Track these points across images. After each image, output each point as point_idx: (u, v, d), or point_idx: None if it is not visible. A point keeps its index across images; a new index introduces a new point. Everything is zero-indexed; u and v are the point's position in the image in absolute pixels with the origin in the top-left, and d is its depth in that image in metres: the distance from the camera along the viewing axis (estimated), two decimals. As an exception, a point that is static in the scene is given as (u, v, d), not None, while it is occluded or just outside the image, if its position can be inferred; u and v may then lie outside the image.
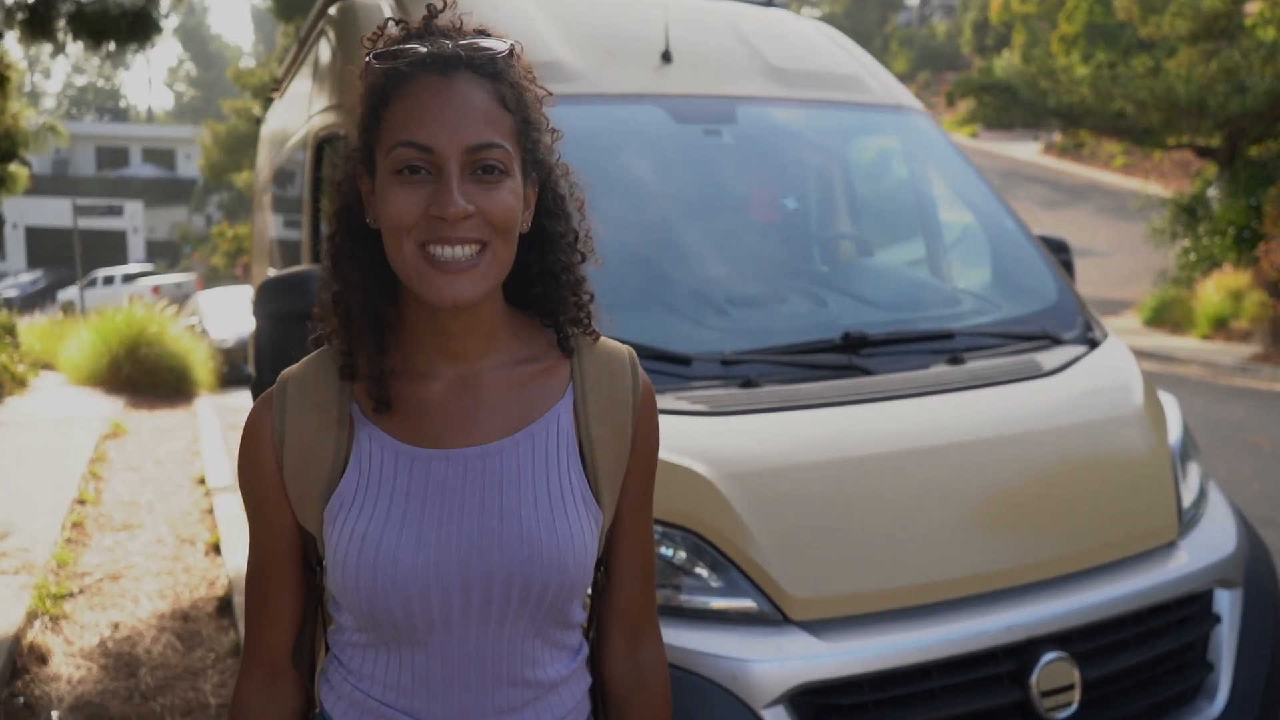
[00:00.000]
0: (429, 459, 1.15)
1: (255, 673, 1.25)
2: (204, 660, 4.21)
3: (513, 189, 1.11)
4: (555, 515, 1.16)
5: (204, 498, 6.90)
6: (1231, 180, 15.40)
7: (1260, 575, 2.46)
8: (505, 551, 1.13)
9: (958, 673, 2.01)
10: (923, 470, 2.21)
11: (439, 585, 1.12)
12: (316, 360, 1.21)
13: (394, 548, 1.12)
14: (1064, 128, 19.38)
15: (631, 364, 1.26)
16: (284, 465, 1.17)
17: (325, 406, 1.17)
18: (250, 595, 1.25)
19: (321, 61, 3.65)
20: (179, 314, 13.76)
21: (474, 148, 1.08)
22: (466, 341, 1.17)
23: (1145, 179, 26.07)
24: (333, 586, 1.17)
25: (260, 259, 5.93)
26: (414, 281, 1.10)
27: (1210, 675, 2.28)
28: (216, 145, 33.72)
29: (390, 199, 1.09)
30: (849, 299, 2.93)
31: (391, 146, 1.09)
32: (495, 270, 1.12)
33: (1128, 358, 2.79)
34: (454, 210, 1.06)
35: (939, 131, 3.52)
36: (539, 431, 1.18)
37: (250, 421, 1.20)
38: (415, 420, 1.17)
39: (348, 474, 1.16)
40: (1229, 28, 17.22)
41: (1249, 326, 12.88)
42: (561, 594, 1.16)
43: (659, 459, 1.28)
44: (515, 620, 1.15)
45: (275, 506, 1.19)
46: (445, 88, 1.09)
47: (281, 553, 1.21)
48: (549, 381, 1.21)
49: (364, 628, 1.17)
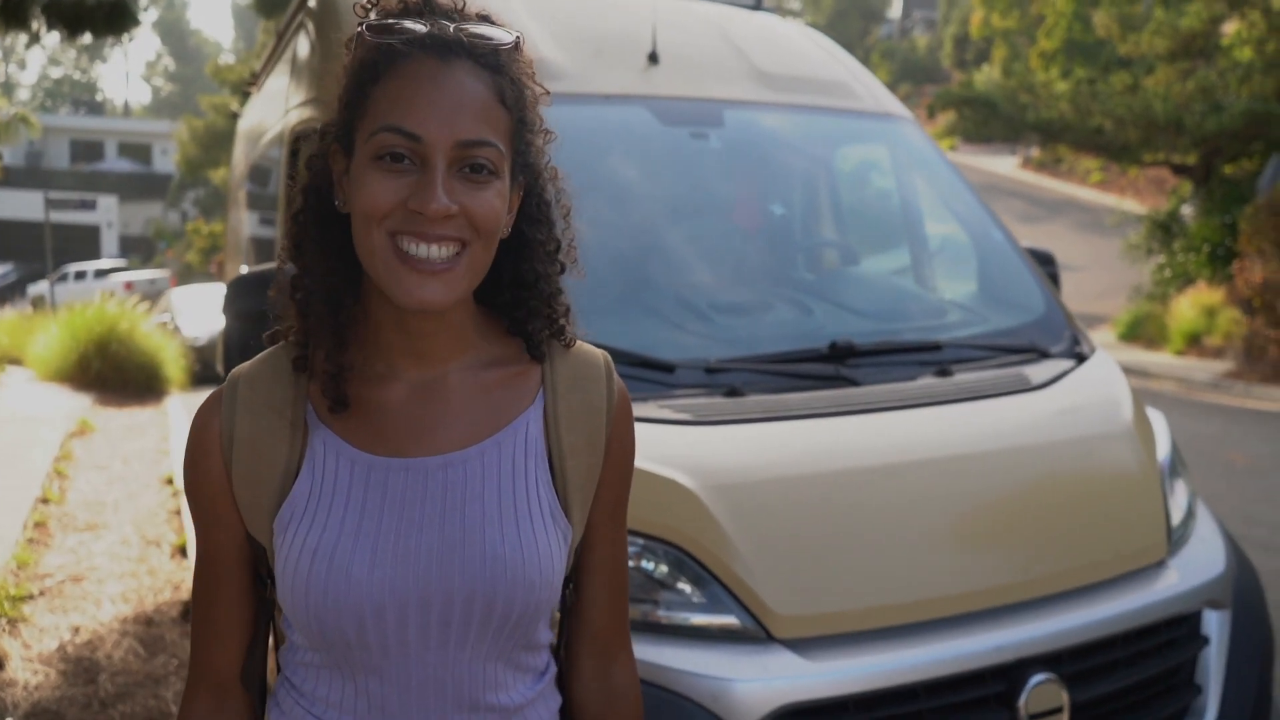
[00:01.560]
0: (387, 468, 1.07)
1: (200, 693, 1.16)
2: (166, 667, 4.10)
3: (500, 191, 1.04)
4: (521, 530, 1.08)
5: (171, 498, 6.76)
6: (1207, 198, 15.55)
7: (1248, 596, 2.42)
8: (467, 569, 1.05)
9: (945, 694, 1.95)
10: (911, 485, 2.16)
11: (395, 604, 1.04)
12: (270, 358, 1.13)
13: (347, 563, 1.04)
14: (1043, 143, 19.48)
15: (607, 369, 1.18)
16: (232, 470, 1.08)
17: (278, 408, 1.09)
18: (196, 608, 1.16)
19: (299, 56, 3.56)
20: (151, 310, 13.57)
21: (465, 143, 1.00)
22: (433, 343, 1.09)
23: (1121, 195, 26.31)
24: (283, 602, 1.08)
25: (235, 256, 5.83)
26: (382, 277, 1.02)
27: (1198, 698, 2.24)
28: (194, 141, 33.38)
29: (366, 184, 1.01)
30: (835, 308, 2.88)
31: (376, 129, 1.00)
32: (471, 275, 1.04)
33: (1116, 373, 2.75)
34: (436, 207, 0.98)
35: (927, 140, 3.48)
36: (505, 440, 1.11)
37: (196, 422, 1.11)
38: (374, 425, 1.09)
39: (299, 482, 1.08)
40: (1206, 47, 17.40)
41: (1222, 343, 12.98)
42: (527, 614, 1.08)
43: (640, 469, 1.21)
44: (477, 642, 1.08)
45: (222, 514, 1.10)
46: (442, 74, 1.01)
47: (229, 563, 1.12)
48: (518, 387, 1.14)
49: (316, 648, 1.09)
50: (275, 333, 1.13)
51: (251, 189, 5.08)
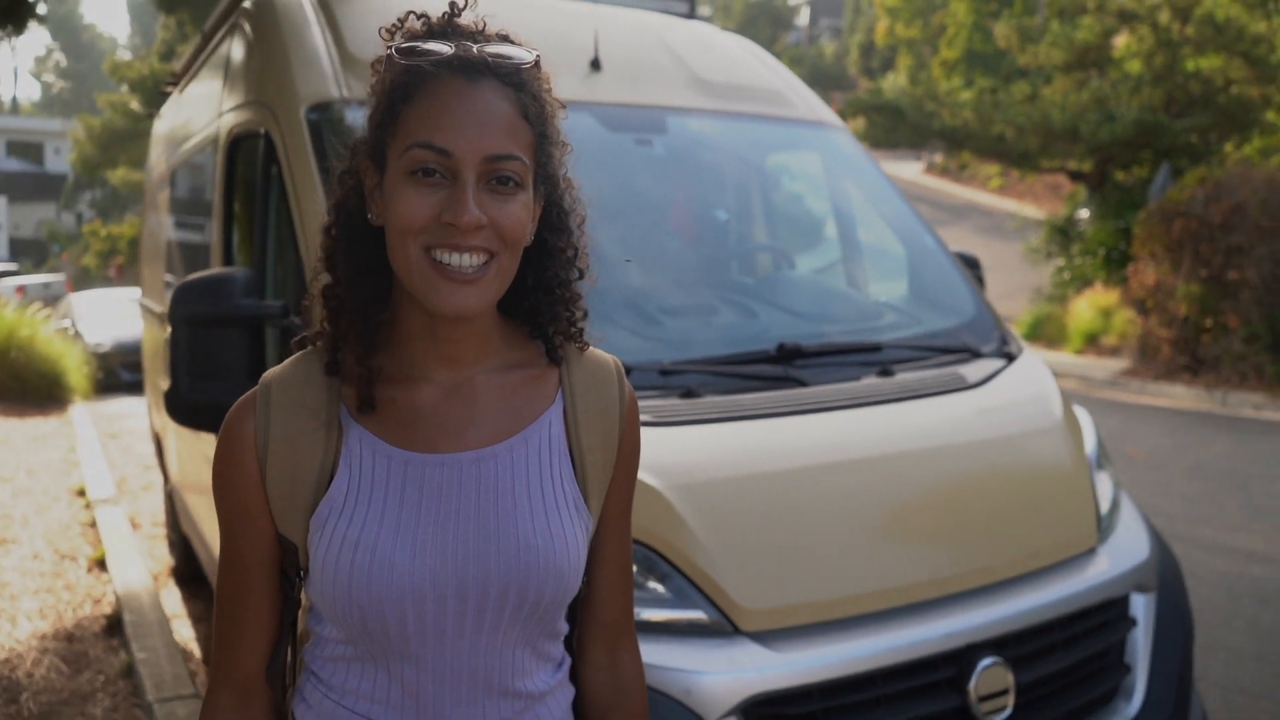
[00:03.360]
0: (423, 464, 1.12)
1: (224, 692, 1.19)
2: (93, 683, 3.98)
3: (525, 202, 1.10)
4: (550, 522, 1.14)
5: (84, 510, 6.54)
6: (1102, 203, 16.24)
7: (1170, 579, 2.58)
8: (503, 558, 1.11)
9: (901, 680, 2.04)
10: (863, 481, 2.25)
11: (435, 592, 1.09)
12: (300, 362, 1.17)
13: (390, 554, 1.09)
14: (947, 149, 20.09)
15: (618, 374, 1.26)
16: (267, 471, 1.12)
17: (312, 409, 1.13)
18: (222, 609, 1.19)
19: (234, 58, 3.50)
20: (50, 316, 13.04)
21: (493, 158, 1.06)
22: (461, 347, 1.15)
23: (1020, 200, 27.27)
24: (318, 597, 1.12)
25: (153, 261, 5.66)
26: (417, 286, 1.07)
27: (1128, 677, 2.37)
28: (91, 140, 32.07)
29: (401, 199, 1.06)
30: (778, 310, 2.96)
31: (408, 146, 1.06)
32: (500, 282, 1.10)
33: (1044, 371, 2.90)
34: (468, 219, 1.04)
35: (858, 148, 3.60)
36: (531, 437, 1.17)
37: (229, 426, 1.15)
38: (407, 424, 1.14)
39: (337, 479, 1.12)
40: (1099, 59, 18.16)
41: (1118, 343, 13.58)
42: (555, 601, 1.15)
43: None
44: (508, 628, 1.13)
45: (254, 515, 1.14)
46: (469, 93, 1.07)
47: (258, 564, 1.16)
48: (539, 388, 1.20)
49: (351, 640, 1.13)
50: (303, 339, 1.18)
51: (175, 192, 4.96)
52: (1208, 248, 11.34)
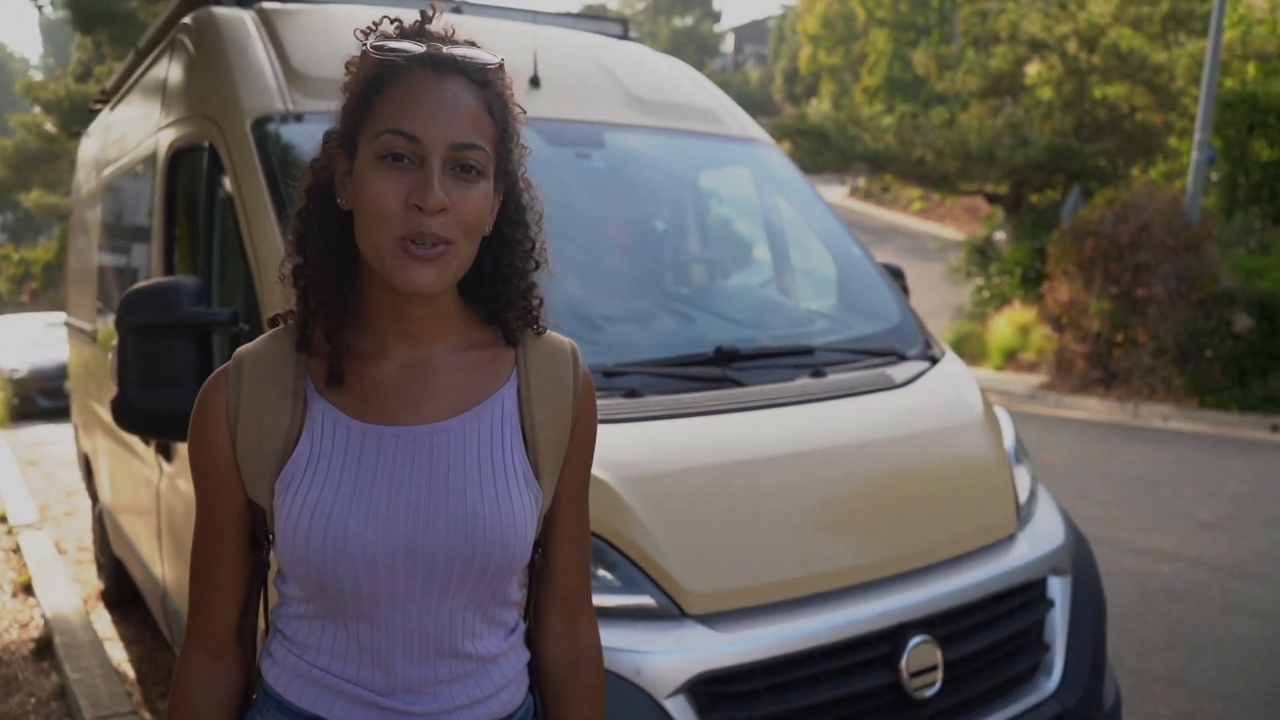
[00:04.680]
0: (379, 435, 1.19)
1: (198, 650, 1.26)
2: (24, 706, 3.91)
3: (485, 191, 1.16)
4: (499, 492, 1.21)
5: (6, 536, 6.37)
6: (1018, 225, 16.83)
7: (1084, 564, 2.75)
8: (450, 525, 1.17)
9: (838, 658, 2.16)
10: (799, 473, 2.37)
11: (386, 556, 1.16)
12: (271, 338, 1.24)
13: (344, 519, 1.15)
14: (870, 172, 20.63)
15: (573, 355, 1.33)
16: (237, 439, 1.19)
17: (281, 381, 1.20)
18: (196, 572, 1.25)
19: (173, 73, 3.53)
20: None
21: (458, 145, 1.13)
22: (422, 326, 1.22)
23: (940, 223, 28.05)
24: (281, 558, 1.19)
25: (82, 282, 5.58)
26: (386, 267, 1.14)
27: (1047, 655, 2.53)
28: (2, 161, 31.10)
29: (371, 182, 1.13)
30: (714, 317, 3.08)
31: (379, 132, 1.13)
32: (458, 264, 1.16)
33: (965, 373, 3.06)
34: (433, 200, 1.10)
35: (787, 163, 3.76)
36: (484, 412, 1.24)
37: (203, 398, 1.22)
38: (368, 398, 1.21)
39: (300, 446, 1.19)
40: (1013, 86, 18.87)
41: (1035, 358, 14.07)
42: (502, 568, 1.21)
43: None
44: (457, 593, 1.20)
45: (226, 481, 1.21)
46: (438, 85, 1.14)
47: (229, 528, 1.23)
48: (495, 367, 1.27)
49: (310, 598, 1.20)
50: (276, 317, 1.25)
51: (107, 208, 4.91)
52: (1117, 266, 11.85)
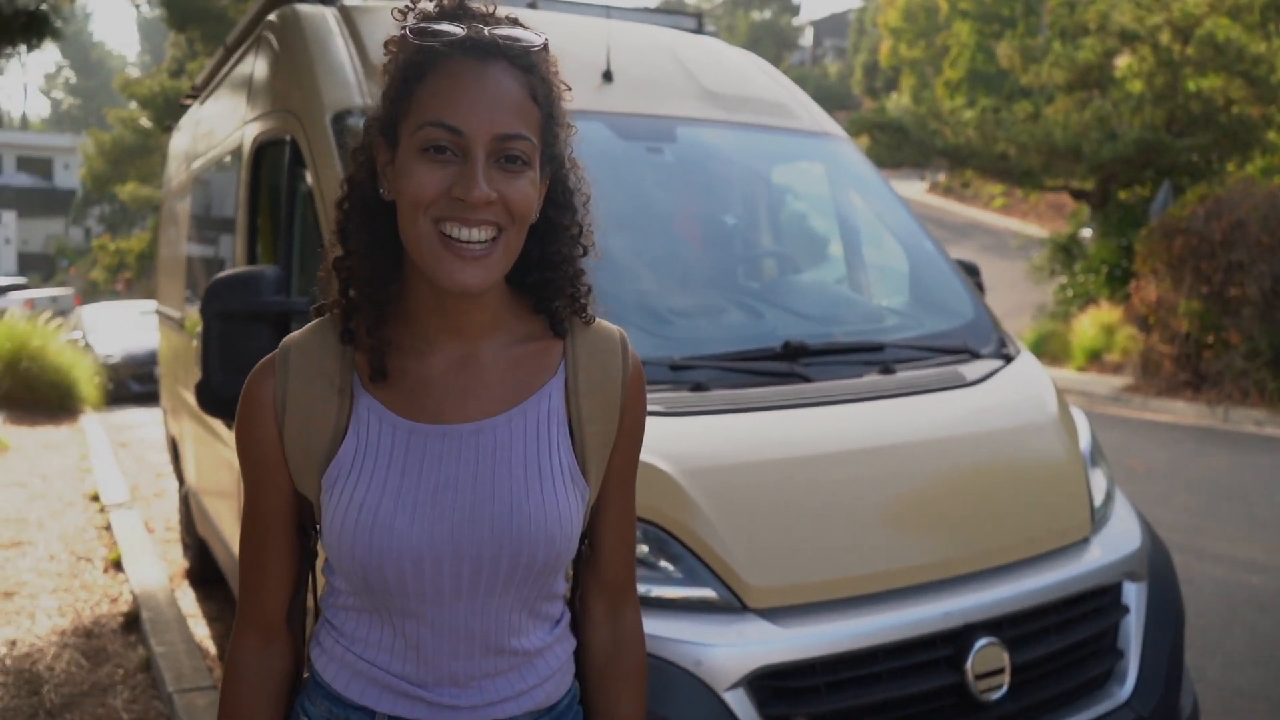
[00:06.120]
0: (425, 433, 1.18)
1: (250, 634, 1.26)
2: (112, 676, 4.08)
3: (532, 180, 1.14)
4: (544, 491, 1.19)
5: (99, 514, 6.64)
6: (1104, 222, 16.36)
7: (1161, 570, 2.67)
8: (496, 525, 1.16)
9: (901, 657, 2.13)
10: (865, 470, 2.35)
11: (431, 556, 1.15)
12: (317, 329, 1.22)
13: (390, 518, 1.14)
14: (950, 168, 20.24)
15: (622, 344, 1.29)
16: (284, 431, 1.18)
17: (327, 375, 1.19)
18: (245, 558, 1.26)
19: (259, 69, 3.63)
20: (62, 328, 13.18)
21: (503, 136, 1.10)
22: (469, 320, 1.20)
23: (1023, 219, 27.41)
24: (329, 552, 1.19)
25: (172, 271, 5.79)
26: (426, 260, 1.12)
27: (1120, 661, 2.46)
28: (101, 155, 32.36)
29: (413, 174, 1.10)
30: (784, 312, 3.07)
31: (421, 124, 1.10)
32: (506, 258, 1.14)
33: (1040, 371, 3.00)
34: (478, 194, 1.08)
35: (861, 158, 3.72)
36: (531, 409, 1.22)
37: (249, 388, 1.21)
38: (414, 394, 1.19)
39: (345, 443, 1.18)
40: (1101, 79, 18.32)
41: (1121, 359, 13.67)
42: (548, 566, 1.20)
43: None
44: (503, 591, 1.19)
45: (274, 471, 1.20)
46: (481, 73, 1.11)
47: (278, 517, 1.23)
48: (542, 360, 1.25)
49: (357, 592, 1.20)
50: (321, 306, 1.24)
51: (193, 203, 5.08)
52: (1209, 264, 11.43)
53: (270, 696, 1.26)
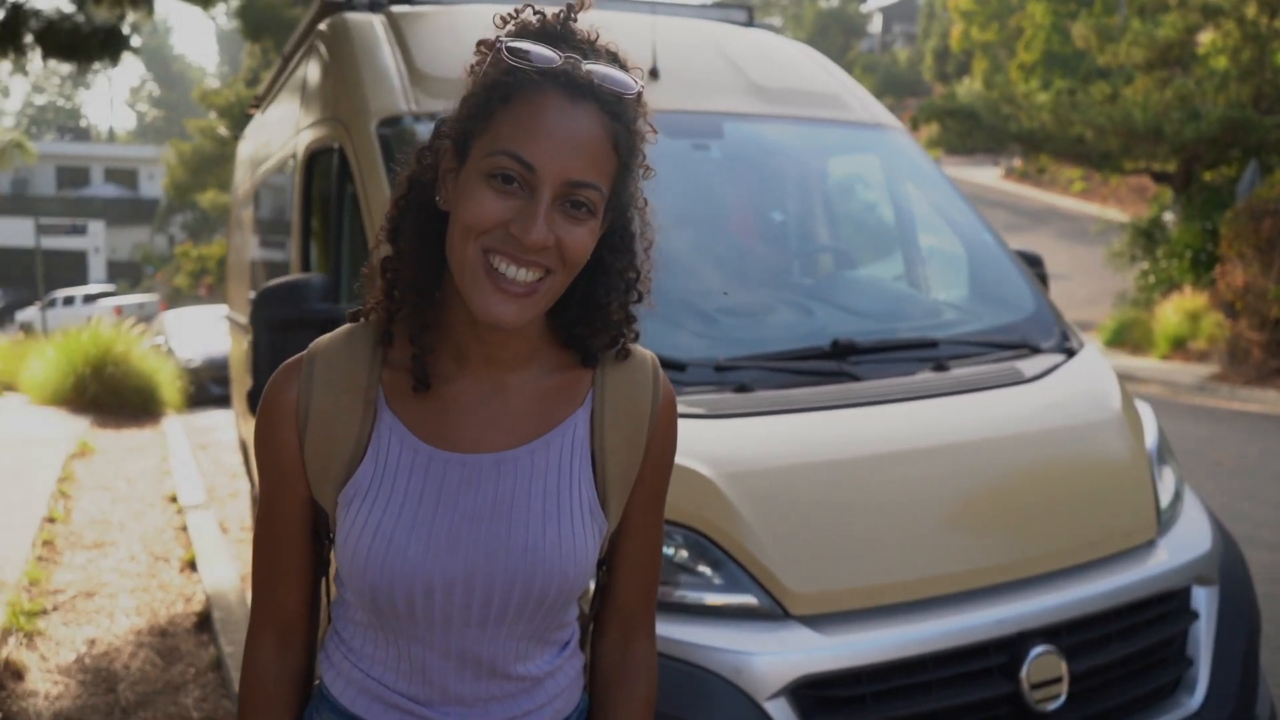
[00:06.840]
0: (445, 461, 1.16)
1: (266, 634, 1.26)
2: (184, 675, 4.18)
3: (593, 229, 1.10)
4: (562, 526, 1.17)
5: (176, 515, 6.83)
6: (1188, 205, 15.78)
7: (1234, 574, 2.54)
8: (510, 559, 1.15)
9: (951, 665, 2.06)
10: (915, 471, 2.28)
11: (443, 585, 1.14)
12: (347, 336, 1.19)
13: (404, 545, 1.13)
14: (1025, 153, 19.73)
15: (654, 371, 1.25)
16: (305, 440, 1.16)
17: (352, 388, 1.16)
18: (260, 559, 1.25)
19: (311, 77, 3.68)
20: (145, 334, 13.62)
21: (574, 183, 1.06)
22: (506, 350, 1.17)
23: (1103, 204, 26.61)
24: (341, 569, 1.19)
25: (238, 277, 5.92)
26: (466, 286, 1.08)
27: (1189, 670, 2.35)
28: (182, 165, 33.43)
29: (474, 197, 1.07)
30: (835, 309, 3.00)
31: (495, 149, 1.06)
32: (546, 300, 1.11)
33: (1105, 366, 2.88)
34: (535, 238, 1.05)
35: (917, 149, 3.62)
36: (554, 441, 1.19)
37: (271, 391, 1.19)
38: (437, 418, 1.17)
39: (364, 463, 1.16)
40: (1183, 57, 17.70)
41: (1206, 347, 13.17)
42: (560, 600, 1.18)
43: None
44: (512, 623, 1.17)
45: (291, 478, 1.19)
46: (567, 112, 1.06)
47: (293, 520, 1.21)
48: (571, 390, 1.22)
49: (366, 610, 1.18)
50: (357, 311, 1.21)
51: (256, 209, 5.19)
52: (1299, 247, 10.96)
53: (286, 697, 1.26)
